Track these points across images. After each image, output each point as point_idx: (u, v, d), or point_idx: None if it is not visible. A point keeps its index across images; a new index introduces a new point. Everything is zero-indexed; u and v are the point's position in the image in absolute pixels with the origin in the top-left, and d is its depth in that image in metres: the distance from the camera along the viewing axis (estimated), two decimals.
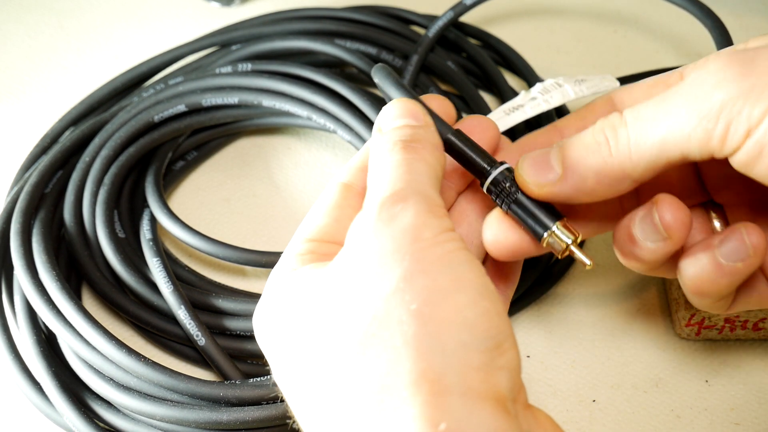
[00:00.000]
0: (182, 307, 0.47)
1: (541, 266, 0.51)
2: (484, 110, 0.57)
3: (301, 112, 0.55)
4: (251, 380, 0.45)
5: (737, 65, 0.30)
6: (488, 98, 0.61)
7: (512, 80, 0.62)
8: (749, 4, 0.69)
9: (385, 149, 0.33)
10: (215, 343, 0.46)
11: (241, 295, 0.50)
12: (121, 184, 0.54)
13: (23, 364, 0.47)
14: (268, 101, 0.55)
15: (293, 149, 0.60)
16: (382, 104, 0.36)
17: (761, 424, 0.46)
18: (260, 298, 0.33)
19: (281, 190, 0.58)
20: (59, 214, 0.52)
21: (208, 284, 0.51)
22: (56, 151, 0.54)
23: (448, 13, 0.59)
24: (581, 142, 0.33)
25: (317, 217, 0.34)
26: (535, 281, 0.51)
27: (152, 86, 0.58)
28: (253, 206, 0.57)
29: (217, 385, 0.44)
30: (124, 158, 0.53)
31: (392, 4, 0.64)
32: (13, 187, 0.55)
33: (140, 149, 0.54)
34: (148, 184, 0.53)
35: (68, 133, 0.58)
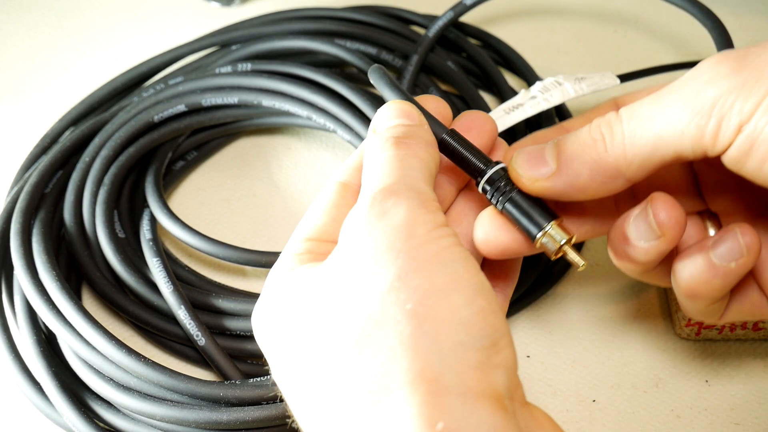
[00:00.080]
0: (182, 307, 0.47)
1: (540, 266, 0.51)
2: (483, 110, 0.56)
3: (301, 111, 0.55)
4: (251, 380, 0.45)
5: (729, 62, 0.31)
6: (488, 98, 0.61)
7: (512, 80, 0.62)
8: (749, 4, 0.69)
9: (377, 146, 0.33)
10: (215, 343, 0.46)
11: (241, 295, 0.50)
12: (121, 184, 0.54)
13: (23, 364, 0.47)
14: (267, 101, 0.55)
15: (293, 149, 0.60)
16: (381, 104, 0.36)
17: (761, 424, 0.46)
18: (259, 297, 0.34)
19: (281, 190, 0.58)
20: (59, 214, 0.52)
21: (208, 284, 0.51)
22: (56, 151, 0.54)
23: (448, 13, 0.59)
24: (577, 138, 0.33)
25: (315, 216, 0.34)
26: (534, 281, 0.51)
27: (152, 86, 0.58)
28: (253, 206, 0.57)
29: (217, 385, 0.44)
30: (124, 158, 0.53)
31: (392, 4, 0.64)
32: (13, 187, 0.55)
33: (140, 149, 0.54)
34: (148, 184, 0.53)
35: (68, 133, 0.58)
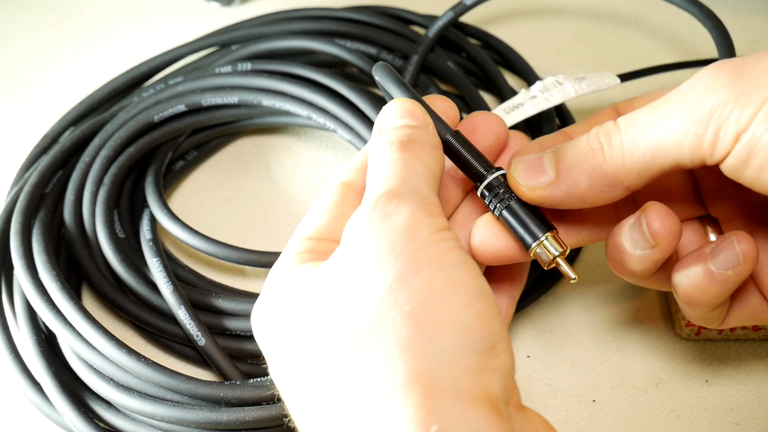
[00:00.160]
0: (182, 307, 0.47)
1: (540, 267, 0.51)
2: (484, 110, 0.57)
3: (300, 111, 0.55)
4: (251, 380, 0.45)
5: (727, 72, 0.31)
6: (488, 98, 0.61)
7: (512, 80, 0.62)
8: (749, 4, 0.69)
9: (383, 149, 0.33)
10: (215, 343, 0.46)
11: (241, 295, 0.50)
12: (121, 184, 0.54)
13: (23, 364, 0.47)
14: (267, 101, 0.55)
15: (293, 149, 0.60)
16: (382, 103, 0.36)
17: (761, 424, 0.46)
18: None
19: (281, 190, 0.58)
20: (59, 214, 0.52)
21: (208, 284, 0.51)
22: (56, 151, 0.54)
23: (448, 13, 0.59)
24: (576, 147, 0.33)
25: (317, 215, 0.34)
26: (535, 281, 0.51)
27: (152, 86, 0.58)
28: (253, 206, 0.57)
29: (217, 385, 0.44)
30: (124, 158, 0.53)
31: (392, 4, 0.64)
32: (13, 187, 0.55)
33: (140, 149, 0.54)
34: (148, 184, 0.53)
35: (68, 133, 0.58)
